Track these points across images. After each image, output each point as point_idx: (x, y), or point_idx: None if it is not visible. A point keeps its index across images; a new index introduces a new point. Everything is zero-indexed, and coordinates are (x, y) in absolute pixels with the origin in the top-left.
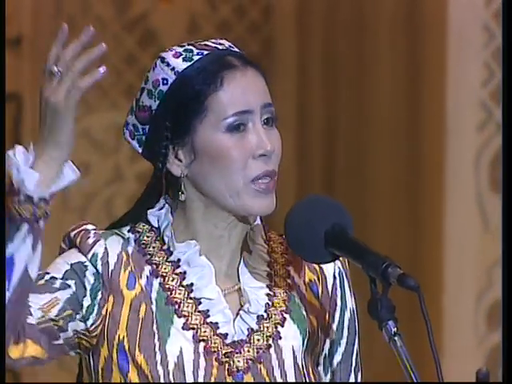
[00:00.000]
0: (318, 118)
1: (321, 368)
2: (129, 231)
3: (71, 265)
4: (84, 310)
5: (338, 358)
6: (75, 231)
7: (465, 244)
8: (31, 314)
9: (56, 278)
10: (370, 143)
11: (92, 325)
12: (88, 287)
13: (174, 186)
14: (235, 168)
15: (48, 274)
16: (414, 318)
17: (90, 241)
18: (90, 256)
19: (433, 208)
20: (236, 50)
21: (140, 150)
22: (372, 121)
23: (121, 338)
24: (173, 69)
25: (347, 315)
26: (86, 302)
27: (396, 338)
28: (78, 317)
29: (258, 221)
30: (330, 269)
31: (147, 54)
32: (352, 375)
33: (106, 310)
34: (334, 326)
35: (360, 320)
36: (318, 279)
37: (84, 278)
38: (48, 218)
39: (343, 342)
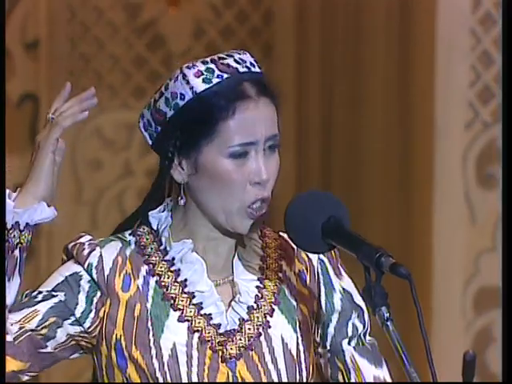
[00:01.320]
0: (315, 118)
1: (321, 349)
2: (130, 234)
3: (66, 277)
4: (78, 315)
5: (331, 331)
6: (72, 244)
7: (452, 235)
8: (8, 332)
9: (41, 292)
10: (364, 142)
11: (90, 327)
12: (82, 294)
13: (175, 189)
14: (234, 191)
15: (36, 290)
16: (405, 304)
17: (85, 252)
18: (86, 266)
19: (423, 201)
20: (256, 69)
21: (150, 143)
22: (366, 120)
23: (118, 337)
24: (191, 88)
25: (337, 296)
26: (80, 307)
27: (388, 323)
28: (67, 322)
29: None
30: (314, 258)
31: (156, 57)
32: (345, 341)
33: (104, 311)
34: (323, 310)
35: None
36: (307, 269)
37: (79, 288)
38: (25, 251)
39: (335, 317)
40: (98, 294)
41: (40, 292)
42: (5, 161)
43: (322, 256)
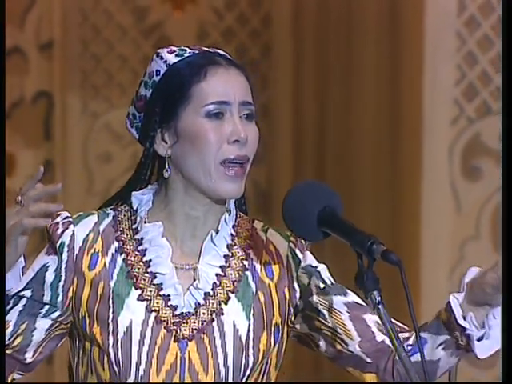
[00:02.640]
0: (310, 114)
1: (299, 324)
2: (111, 209)
3: (36, 272)
4: (47, 304)
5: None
6: (49, 224)
7: (439, 223)
8: None
9: (13, 296)
10: (356, 136)
11: (62, 309)
12: (48, 284)
13: (160, 165)
14: (210, 149)
15: (10, 293)
16: (395, 289)
17: (59, 231)
18: (58, 245)
19: (411, 192)
20: (227, 55)
21: (137, 137)
22: (358, 116)
23: (83, 314)
24: (165, 61)
25: (305, 276)
26: (47, 296)
27: (380, 306)
28: (40, 316)
29: (232, 206)
30: (282, 250)
31: None
32: (311, 297)
33: (72, 290)
34: (297, 292)
35: None
36: (273, 260)
37: (44, 279)
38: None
39: (304, 291)
40: (63, 277)
41: (12, 296)
42: (5, 161)
43: (292, 245)
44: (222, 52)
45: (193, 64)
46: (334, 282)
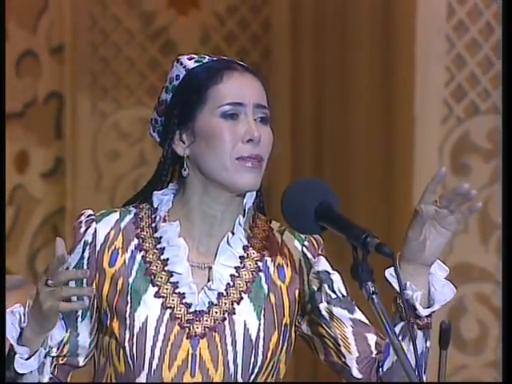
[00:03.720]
0: (308, 113)
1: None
2: (133, 207)
3: None
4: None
5: (309, 305)
6: (74, 223)
7: None
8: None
9: None
10: (351, 136)
11: (90, 301)
12: (73, 282)
13: (179, 165)
14: (225, 147)
15: None
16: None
17: (82, 230)
18: (82, 244)
19: (404, 188)
20: (243, 63)
21: (158, 140)
22: (353, 116)
23: (104, 309)
24: (184, 67)
25: (316, 281)
26: (74, 297)
27: (374, 296)
28: (79, 319)
29: (249, 205)
30: (296, 254)
31: (167, 60)
32: (320, 304)
33: (96, 285)
34: (307, 295)
35: None
36: (287, 264)
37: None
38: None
39: (314, 295)
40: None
41: None
42: (5, 161)
43: (304, 250)
44: (238, 60)
45: (210, 68)
46: (344, 295)
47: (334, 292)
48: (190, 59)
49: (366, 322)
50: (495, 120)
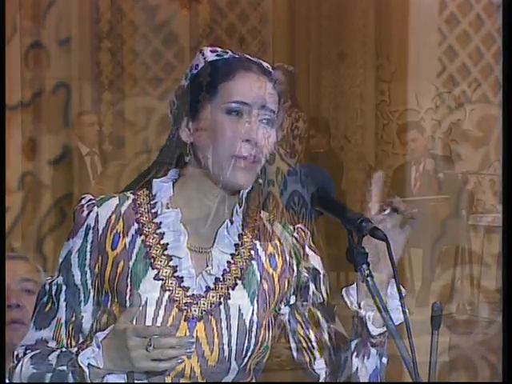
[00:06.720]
0: (305, 102)
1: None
2: (131, 193)
3: (63, 259)
4: (79, 284)
5: (294, 297)
6: (75, 207)
7: (424, 204)
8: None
9: (49, 284)
10: (348, 132)
11: (92, 283)
12: (75, 267)
13: (183, 150)
14: (223, 143)
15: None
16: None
17: (84, 214)
18: (84, 227)
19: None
20: (265, 66)
21: (172, 122)
22: (348, 109)
23: (106, 291)
24: (205, 58)
25: (304, 272)
26: (77, 277)
27: (368, 279)
28: (82, 303)
29: (243, 196)
30: (286, 244)
31: (170, 51)
32: (304, 302)
33: (98, 267)
34: (294, 284)
35: None
36: (277, 253)
37: (70, 262)
38: None
39: (300, 287)
40: (88, 256)
41: (49, 285)
42: (5, 161)
43: (294, 241)
44: (260, 61)
45: (227, 64)
46: (328, 296)
47: (320, 293)
48: (212, 51)
49: (343, 332)
50: (485, 109)
